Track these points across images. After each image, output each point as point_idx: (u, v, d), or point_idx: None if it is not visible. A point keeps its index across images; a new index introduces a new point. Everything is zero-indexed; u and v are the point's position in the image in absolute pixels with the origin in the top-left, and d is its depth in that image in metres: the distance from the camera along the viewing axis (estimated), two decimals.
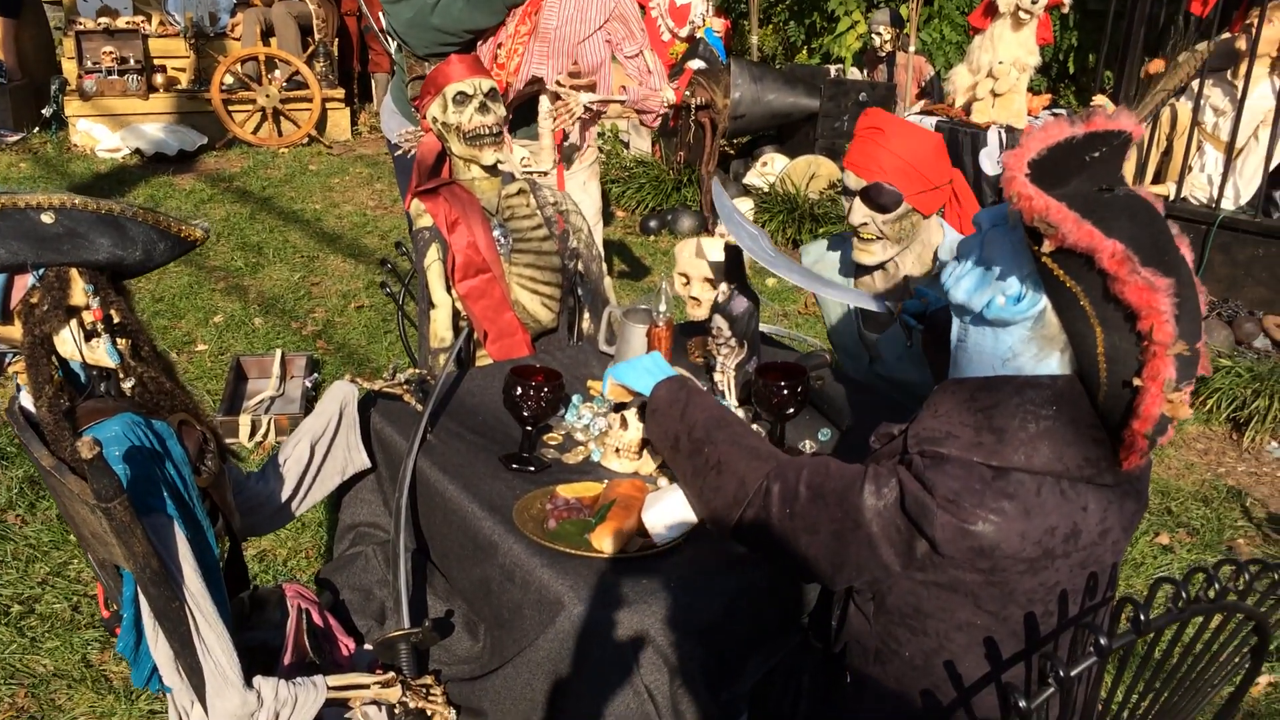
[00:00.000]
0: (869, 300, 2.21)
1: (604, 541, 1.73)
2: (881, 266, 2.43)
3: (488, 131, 2.60)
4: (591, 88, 3.39)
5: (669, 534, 1.75)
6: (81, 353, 1.62)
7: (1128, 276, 1.26)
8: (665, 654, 1.61)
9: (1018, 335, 1.41)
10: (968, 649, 1.44)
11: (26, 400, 1.62)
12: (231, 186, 7.02)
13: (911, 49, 6.80)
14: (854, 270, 2.52)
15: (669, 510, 1.76)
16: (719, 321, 2.28)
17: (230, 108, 7.94)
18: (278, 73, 8.16)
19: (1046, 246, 1.33)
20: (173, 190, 6.86)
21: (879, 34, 7.18)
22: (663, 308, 2.10)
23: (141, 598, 1.53)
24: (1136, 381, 1.29)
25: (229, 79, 7.94)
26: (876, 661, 1.53)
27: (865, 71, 7.46)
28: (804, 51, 8.93)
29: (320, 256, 5.78)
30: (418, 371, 2.27)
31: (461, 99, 2.59)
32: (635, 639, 1.61)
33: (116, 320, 1.63)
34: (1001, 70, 5.46)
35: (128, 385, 1.66)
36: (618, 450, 2.02)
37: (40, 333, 1.57)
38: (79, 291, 1.59)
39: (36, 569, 3.00)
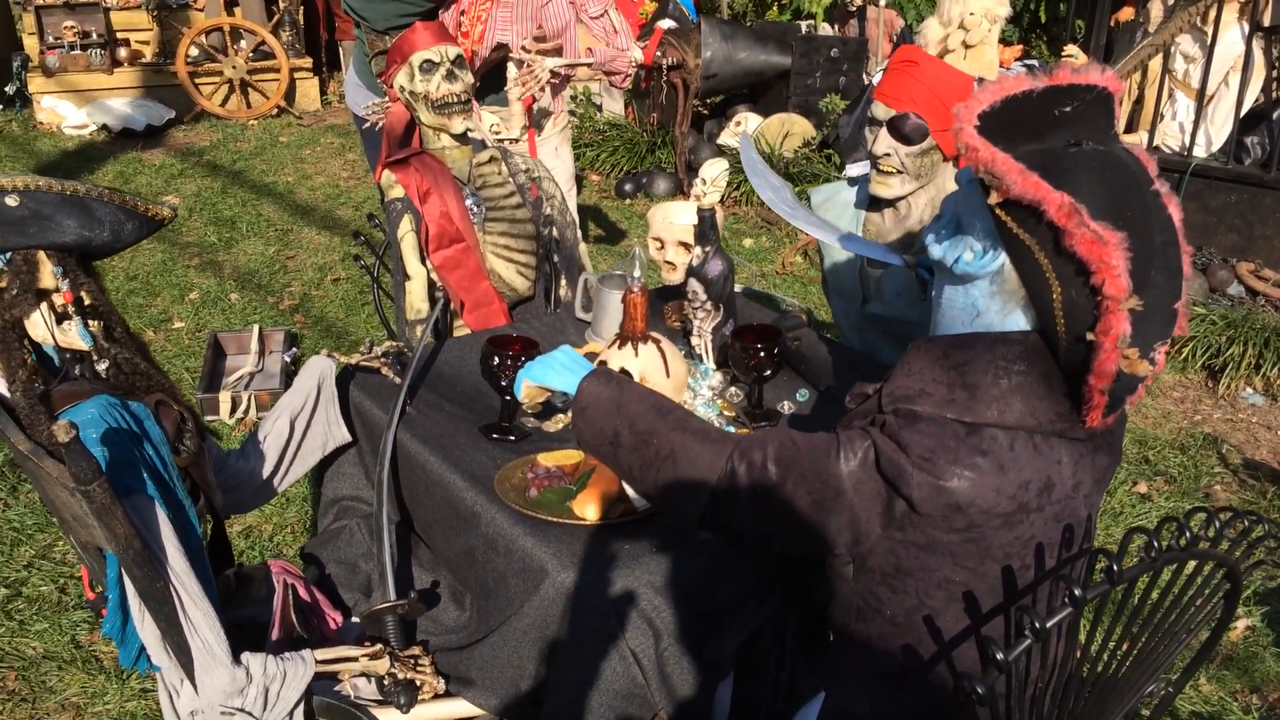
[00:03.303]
0: (887, 253, 2.21)
1: (586, 509, 1.74)
2: (894, 204, 2.42)
3: (456, 99, 2.57)
4: (558, 51, 3.36)
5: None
6: (54, 336, 1.61)
7: (1075, 229, 1.27)
8: (649, 617, 1.63)
9: (981, 290, 1.42)
10: (947, 605, 1.46)
11: (0, 385, 1.61)
12: (202, 161, 6.94)
13: (882, 2, 6.77)
14: (866, 204, 2.52)
15: None
16: (694, 285, 2.28)
17: (197, 80, 7.83)
18: (243, 43, 8.04)
19: (993, 198, 1.34)
20: (142, 166, 6.78)
21: None
22: (637, 273, 2.09)
23: (126, 579, 1.53)
24: (1090, 336, 1.30)
25: (194, 51, 7.82)
26: (859, 620, 1.54)
27: (836, 27, 7.42)
28: (774, 8, 8.86)
29: (294, 230, 5.73)
30: (394, 344, 2.27)
31: (428, 67, 2.57)
32: (619, 604, 1.63)
33: (87, 302, 1.62)
34: (972, 21, 5.43)
35: (102, 367, 1.66)
36: None
37: (10, 317, 1.56)
38: (48, 274, 1.58)
39: (21, 552, 2.99)
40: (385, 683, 1.74)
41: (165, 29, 8.07)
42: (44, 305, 1.59)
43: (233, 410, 3.76)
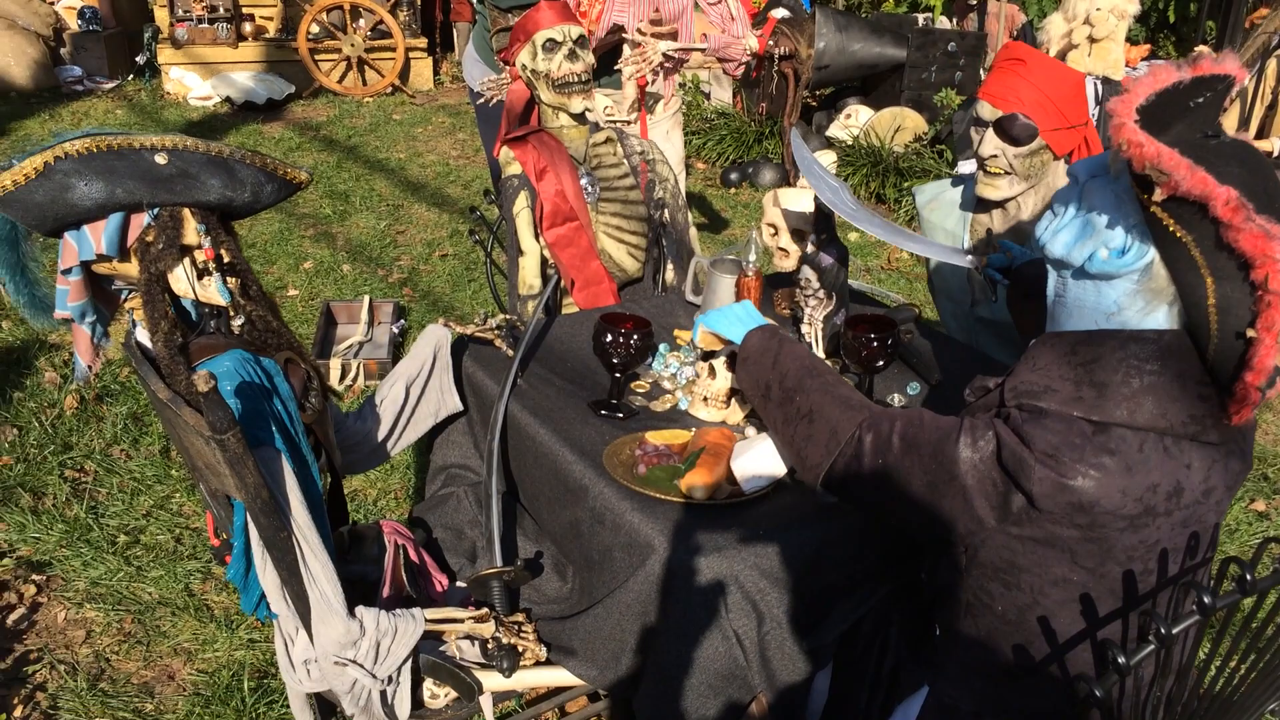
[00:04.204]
0: (952, 254, 2.17)
1: (694, 488, 1.75)
2: (1002, 205, 2.37)
3: (576, 79, 2.60)
4: (673, 35, 3.36)
5: (758, 483, 1.76)
6: (194, 290, 1.67)
7: (1242, 224, 1.23)
8: (754, 600, 1.63)
9: (1123, 289, 1.38)
10: (1063, 605, 1.43)
11: (142, 335, 1.68)
12: (319, 135, 7.12)
13: None
14: (973, 206, 2.47)
15: (758, 459, 1.77)
16: (807, 273, 2.27)
17: (316, 57, 8.03)
18: (362, 21, 8.23)
19: (1158, 195, 1.30)
20: (262, 139, 6.98)
21: None
22: (752, 258, 2.09)
23: (251, 527, 1.59)
24: (1250, 332, 1.26)
25: (315, 28, 8.02)
26: (967, 615, 1.53)
27: (955, 20, 7.28)
28: (891, 0, 8.72)
29: (405, 205, 5.85)
30: (508, 317, 2.30)
31: (551, 46, 2.59)
32: (724, 584, 1.63)
33: (227, 260, 1.68)
34: (1099, 17, 5.27)
35: (237, 323, 1.72)
36: (705, 399, 2.03)
37: (155, 270, 1.63)
38: (191, 231, 1.64)
39: (141, 502, 3.12)
40: (489, 646, 1.78)
41: (288, 6, 8.30)
42: (187, 261, 1.66)
43: (342, 377, 3.87)
